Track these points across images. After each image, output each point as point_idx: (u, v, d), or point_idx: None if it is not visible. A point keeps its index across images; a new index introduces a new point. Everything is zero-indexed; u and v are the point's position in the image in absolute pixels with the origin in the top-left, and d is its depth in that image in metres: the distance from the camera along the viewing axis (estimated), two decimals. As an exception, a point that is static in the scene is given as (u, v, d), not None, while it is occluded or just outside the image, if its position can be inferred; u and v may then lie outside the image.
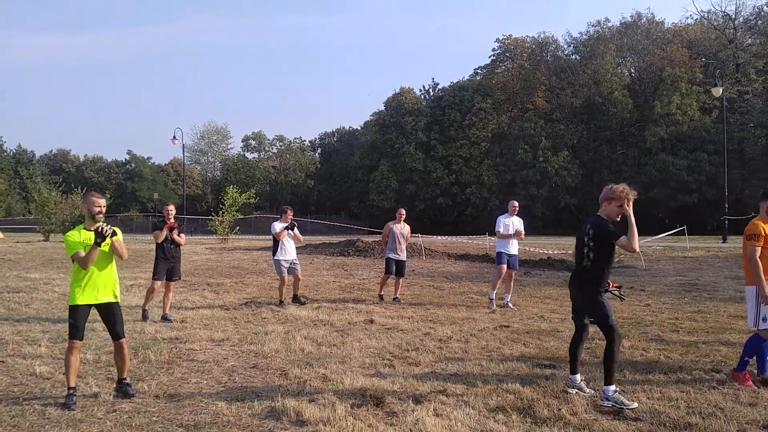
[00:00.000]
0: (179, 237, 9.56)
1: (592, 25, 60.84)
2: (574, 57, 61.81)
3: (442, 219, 59.36)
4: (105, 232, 5.17)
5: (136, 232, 52.07)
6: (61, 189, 41.06)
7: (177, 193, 77.93)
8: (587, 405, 5.11)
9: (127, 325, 5.93)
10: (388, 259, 11.83)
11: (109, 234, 5.20)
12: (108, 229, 5.21)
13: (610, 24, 59.76)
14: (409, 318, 9.68)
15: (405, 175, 61.05)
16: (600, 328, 5.25)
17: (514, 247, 11.13)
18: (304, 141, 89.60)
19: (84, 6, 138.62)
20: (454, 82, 66.28)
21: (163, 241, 9.40)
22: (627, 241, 5.04)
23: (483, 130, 58.66)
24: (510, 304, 10.93)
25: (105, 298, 5.38)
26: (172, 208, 9.67)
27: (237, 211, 36.18)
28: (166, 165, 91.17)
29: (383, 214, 53.35)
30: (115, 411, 5.02)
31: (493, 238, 12.61)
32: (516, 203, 11.30)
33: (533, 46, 62.94)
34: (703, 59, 54.49)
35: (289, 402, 5.09)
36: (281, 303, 10.88)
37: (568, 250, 22.74)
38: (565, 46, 63.25)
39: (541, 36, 62.77)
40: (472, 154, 58.79)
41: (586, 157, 55.76)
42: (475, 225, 48.84)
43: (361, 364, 6.64)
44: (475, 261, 21.73)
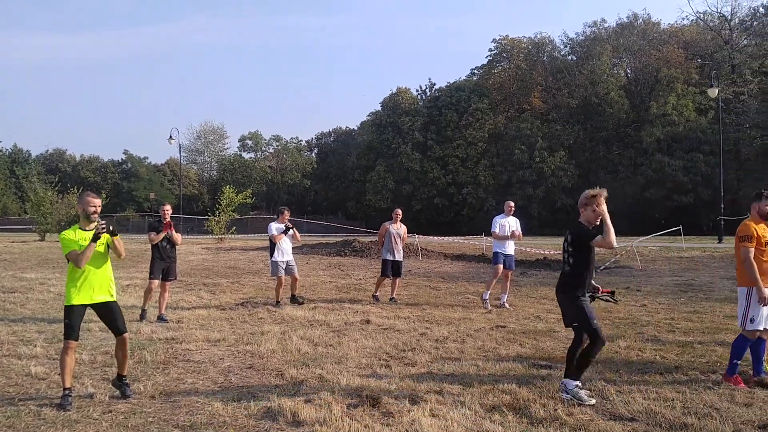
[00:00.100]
0: (176, 235, 9.52)
1: (589, 26, 60.86)
2: (570, 57, 61.79)
3: (438, 219, 59.33)
4: (102, 229, 5.18)
5: (133, 232, 51.89)
6: (57, 189, 40.98)
7: (173, 193, 77.81)
8: (583, 405, 5.11)
9: (123, 326, 5.93)
10: (384, 261, 11.84)
11: (104, 230, 5.20)
12: (103, 226, 5.21)
13: (606, 25, 59.76)
14: (405, 318, 9.69)
15: (402, 176, 60.99)
16: (585, 332, 5.37)
17: (510, 247, 11.16)
18: (301, 141, 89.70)
19: (84, 6, 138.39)
20: (451, 82, 66.17)
21: (159, 240, 9.39)
22: (602, 239, 5.22)
23: (479, 131, 58.64)
24: (506, 305, 10.94)
25: (101, 298, 5.37)
26: (168, 207, 9.66)
27: (233, 211, 36.16)
28: (162, 165, 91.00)
29: (380, 215, 53.28)
30: (110, 411, 5.01)
31: (490, 239, 12.62)
32: (512, 203, 11.33)
33: (530, 47, 62.89)
34: (699, 60, 54.56)
35: (286, 402, 5.10)
36: (278, 303, 10.88)
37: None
38: (561, 47, 63.30)
39: (538, 36, 62.81)
40: (469, 155, 58.78)
41: (583, 157, 55.82)
42: (471, 225, 48.82)
43: (358, 364, 6.64)
44: (472, 261, 21.75)
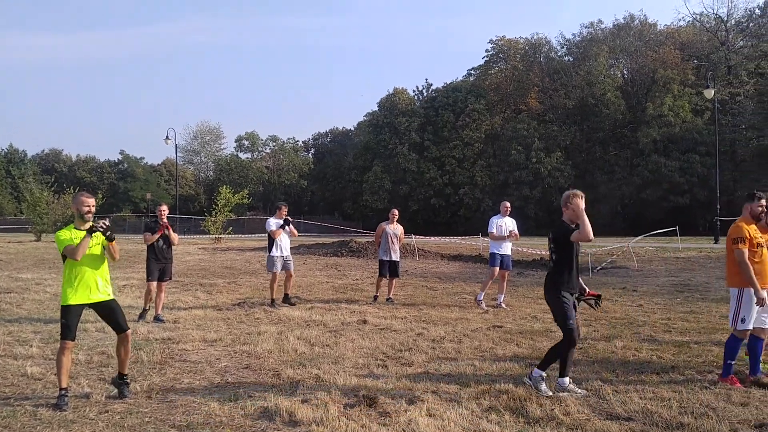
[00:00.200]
0: (173, 234, 9.49)
1: (585, 27, 60.84)
2: (567, 58, 61.82)
3: (435, 219, 59.33)
4: (101, 227, 5.18)
5: (129, 233, 51.80)
6: (53, 189, 40.82)
7: (170, 193, 77.61)
8: (580, 405, 5.12)
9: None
10: (381, 261, 11.84)
11: (101, 229, 5.19)
12: (102, 226, 5.20)
13: (602, 26, 59.72)
14: (402, 318, 9.69)
15: (398, 176, 60.96)
16: (561, 329, 5.53)
17: (507, 247, 11.19)
18: (298, 141, 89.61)
19: (84, 6, 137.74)
20: (448, 82, 66.11)
21: (155, 241, 9.36)
22: (578, 232, 5.37)
23: (476, 131, 58.66)
24: (503, 305, 10.96)
25: (99, 297, 5.36)
26: (165, 208, 9.65)
27: (230, 212, 36.08)
28: (158, 165, 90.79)
29: (376, 215, 53.25)
30: (107, 411, 5.00)
31: (486, 239, 12.63)
32: (508, 204, 11.35)
33: (526, 48, 62.94)
34: (695, 61, 54.69)
35: (282, 402, 5.09)
36: (273, 302, 10.86)
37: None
38: (558, 48, 63.34)
39: (534, 37, 62.81)
40: (466, 155, 58.78)
41: (579, 158, 55.86)
42: (468, 226, 48.80)
43: (354, 364, 6.64)
44: (468, 261, 21.76)
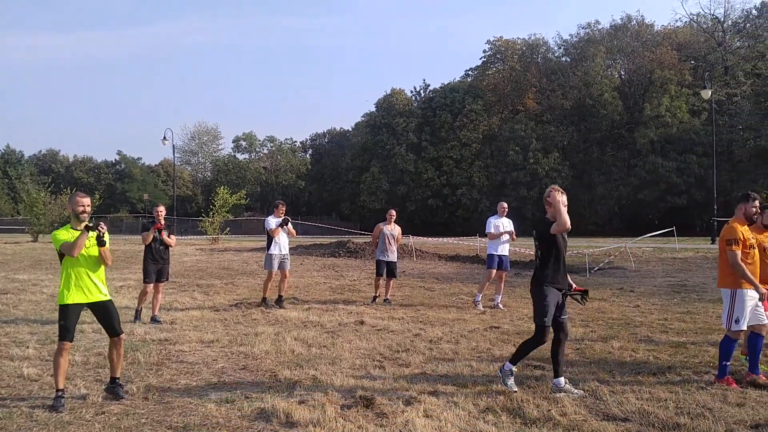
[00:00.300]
0: (169, 238, 9.52)
1: (582, 27, 60.99)
2: (564, 59, 61.92)
3: (432, 220, 59.37)
4: (94, 228, 5.18)
5: (126, 233, 51.77)
6: (50, 189, 40.85)
7: (167, 194, 77.55)
8: (577, 406, 5.13)
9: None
10: (378, 261, 11.84)
11: (94, 229, 5.19)
12: (98, 228, 5.21)
13: (600, 26, 59.87)
14: (399, 319, 9.69)
15: (396, 177, 60.96)
16: (534, 323, 5.65)
17: (504, 248, 11.18)
18: (295, 142, 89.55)
19: (84, 6, 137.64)
20: (445, 83, 66.15)
21: (152, 242, 9.36)
22: (556, 224, 5.51)
23: (474, 132, 58.67)
24: (500, 305, 10.96)
25: (96, 297, 5.37)
26: (161, 208, 9.63)
27: (227, 212, 36.10)
28: (156, 166, 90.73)
29: (374, 215, 53.27)
30: (103, 413, 4.99)
31: (484, 239, 12.65)
32: (505, 204, 11.36)
33: (524, 48, 62.99)
34: (692, 62, 54.79)
35: (279, 403, 5.09)
36: (264, 301, 10.86)
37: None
38: (555, 48, 63.50)
39: (532, 38, 62.90)
40: (463, 156, 58.80)
41: (577, 158, 55.91)
42: (465, 226, 48.88)
43: (352, 365, 6.64)
44: (466, 262, 21.77)
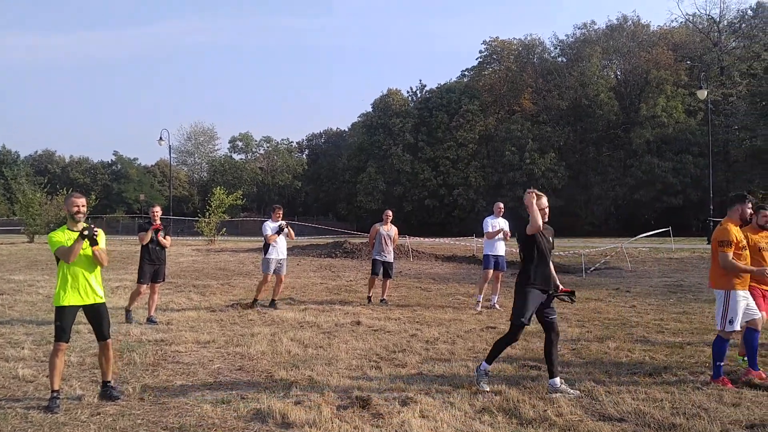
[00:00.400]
0: (165, 239, 9.51)
1: (579, 28, 60.96)
2: (560, 59, 61.95)
3: (429, 220, 59.36)
4: (86, 231, 5.16)
5: (122, 234, 51.64)
6: (46, 190, 40.68)
7: (163, 195, 77.42)
8: (573, 406, 5.13)
9: (112, 327, 5.88)
10: (374, 260, 11.83)
11: (85, 232, 5.16)
12: (88, 230, 5.18)
13: (596, 26, 59.89)
14: (395, 319, 9.69)
15: (392, 177, 60.95)
16: (511, 322, 5.70)
17: (500, 248, 11.18)
18: (292, 142, 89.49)
19: (84, 6, 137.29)
20: (442, 83, 66.15)
21: (149, 242, 9.35)
22: (529, 224, 5.66)
23: (470, 132, 58.68)
24: (496, 306, 10.97)
25: (92, 299, 5.36)
26: (158, 209, 9.62)
27: (224, 213, 36.03)
28: (152, 166, 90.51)
29: (370, 216, 53.18)
30: (99, 414, 4.98)
31: (480, 240, 12.65)
32: (501, 205, 11.33)
33: (520, 48, 63.02)
34: (688, 62, 54.95)
35: (275, 404, 5.08)
36: (255, 302, 10.86)
37: (555, 252, 22.81)
38: (551, 49, 63.48)
39: (528, 38, 62.92)
40: (460, 156, 58.82)
41: (573, 158, 55.98)
42: (462, 226, 48.89)
43: (348, 365, 6.64)
44: (462, 262, 21.75)
